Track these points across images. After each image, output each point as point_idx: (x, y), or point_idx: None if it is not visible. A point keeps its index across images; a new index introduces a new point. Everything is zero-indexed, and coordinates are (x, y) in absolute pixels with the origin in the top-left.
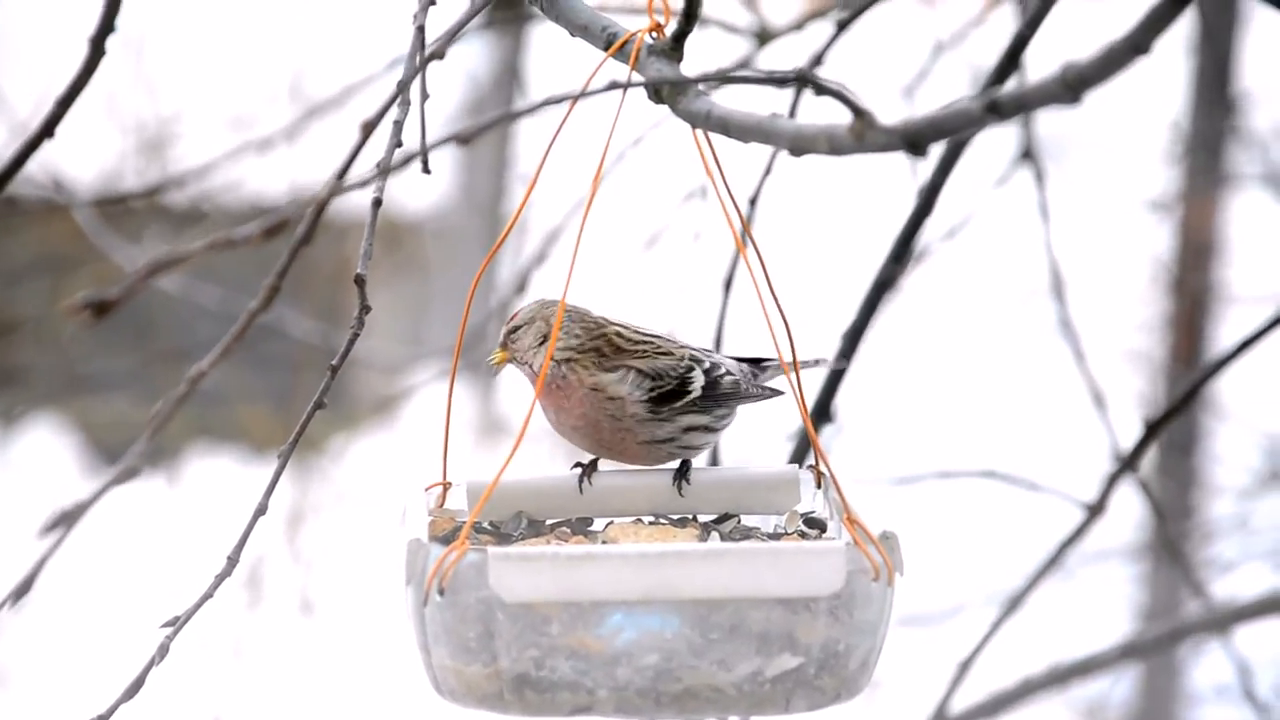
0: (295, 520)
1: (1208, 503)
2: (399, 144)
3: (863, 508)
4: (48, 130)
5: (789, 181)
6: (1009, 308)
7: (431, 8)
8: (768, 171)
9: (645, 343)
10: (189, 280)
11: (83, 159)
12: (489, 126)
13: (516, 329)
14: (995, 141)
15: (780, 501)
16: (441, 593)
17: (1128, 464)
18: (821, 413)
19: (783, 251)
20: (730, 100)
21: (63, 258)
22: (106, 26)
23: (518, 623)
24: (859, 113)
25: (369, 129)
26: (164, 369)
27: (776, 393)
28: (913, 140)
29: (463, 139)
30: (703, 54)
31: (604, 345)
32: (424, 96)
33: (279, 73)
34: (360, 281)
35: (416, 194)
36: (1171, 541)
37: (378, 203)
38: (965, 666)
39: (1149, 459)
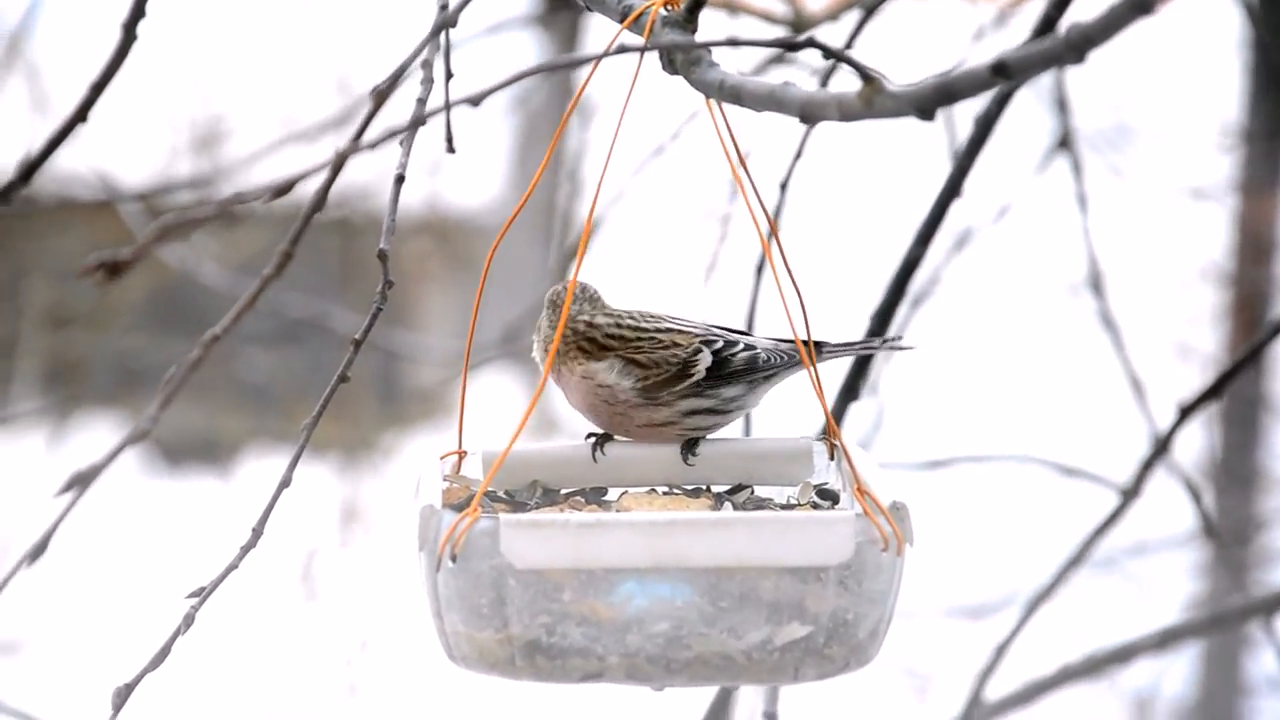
0: (348, 517)
1: (1266, 497)
2: (422, 120)
3: (875, 479)
4: (81, 115)
5: (821, 163)
6: (1052, 296)
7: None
8: (799, 155)
9: (645, 338)
10: (239, 276)
11: (136, 157)
12: (499, 88)
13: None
14: (1035, 130)
15: (794, 473)
16: (454, 559)
17: (1162, 448)
18: (849, 391)
19: (813, 232)
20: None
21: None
22: (138, 12)
23: (529, 589)
24: (868, 78)
25: (382, 97)
26: (215, 365)
27: (793, 365)
28: (921, 105)
29: (474, 101)
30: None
31: (588, 345)
32: (448, 75)
33: (327, 70)
34: (383, 256)
35: (470, 191)
36: (1211, 526)
37: (400, 179)
38: (1000, 652)
39: (1209, 454)
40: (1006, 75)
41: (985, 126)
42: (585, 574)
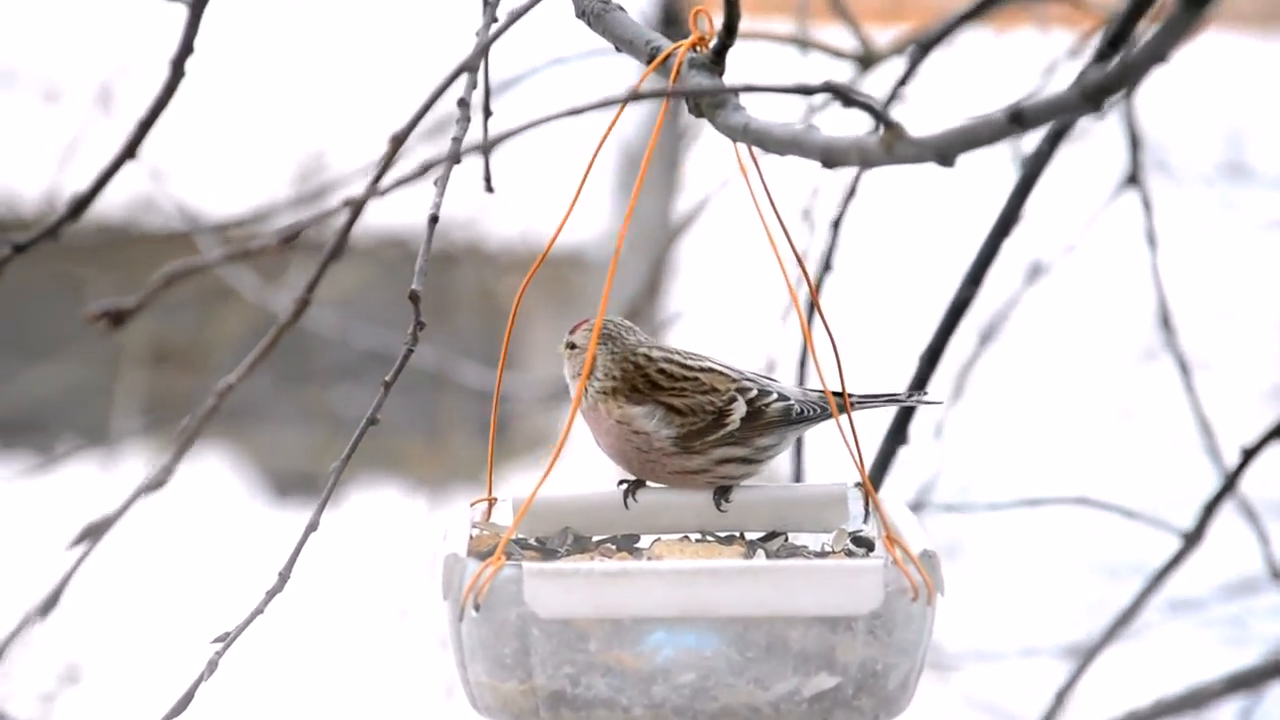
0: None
1: None
2: (457, 159)
3: (907, 527)
4: (129, 152)
5: (873, 201)
6: (1121, 334)
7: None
8: (851, 194)
9: (689, 379)
10: (341, 316)
11: (232, 195)
12: (514, 134)
13: (572, 346)
14: (1105, 166)
15: (829, 519)
16: (477, 608)
17: (1224, 491)
18: (897, 434)
19: (870, 270)
20: (768, 114)
21: (214, 291)
22: (186, 48)
23: (553, 639)
24: (888, 124)
25: (398, 142)
26: (318, 400)
27: (825, 417)
28: (941, 151)
29: (487, 147)
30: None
31: (640, 382)
32: (486, 114)
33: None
34: (415, 298)
35: (577, 227)
36: (1277, 570)
37: (434, 219)
38: (1060, 698)
39: None
40: (1023, 124)
41: (1037, 164)
42: (612, 623)
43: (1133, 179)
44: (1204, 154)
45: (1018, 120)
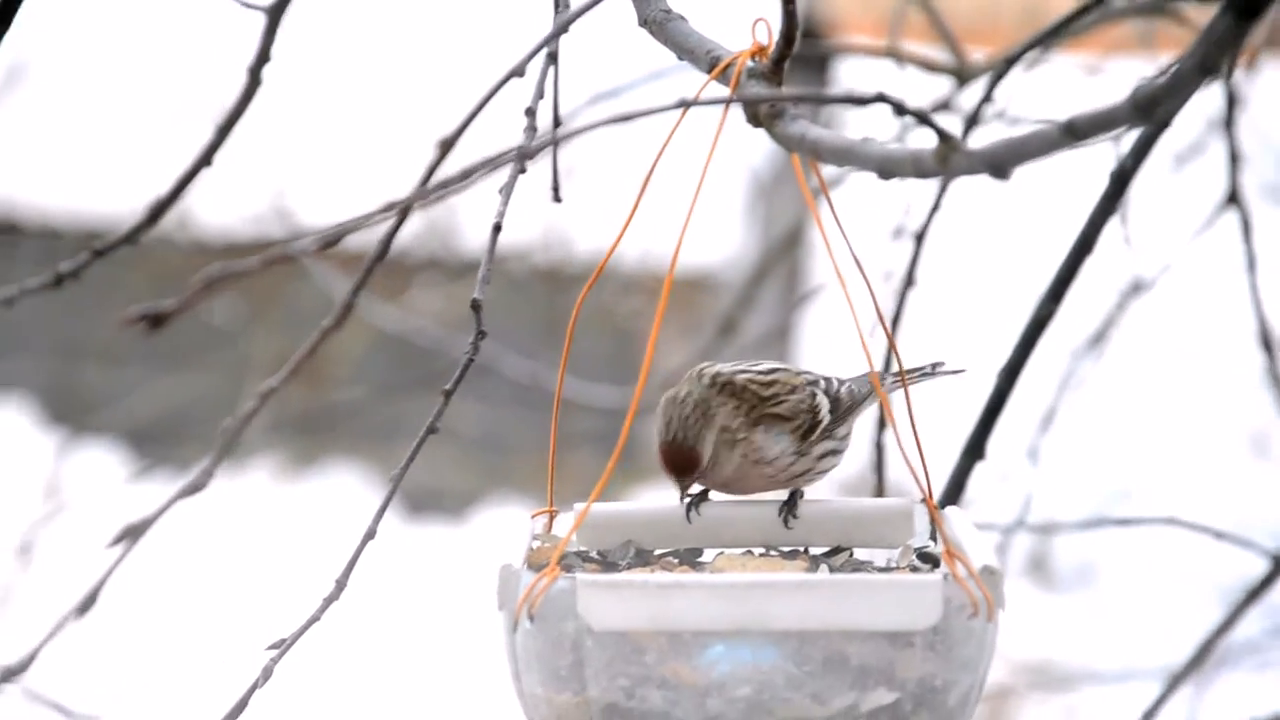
0: None
1: None
2: (522, 170)
3: (968, 542)
4: (206, 159)
5: (957, 215)
6: (1218, 358)
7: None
8: (935, 208)
9: (773, 384)
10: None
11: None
12: (550, 144)
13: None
14: (1205, 188)
15: (893, 535)
16: (531, 619)
17: None
18: (975, 450)
19: (947, 284)
20: (830, 126)
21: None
22: (263, 56)
23: (608, 651)
24: (943, 136)
25: (447, 147)
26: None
27: (872, 397)
28: (995, 163)
29: (523, 156)
30: (901, 95)
31: (751, 399)
32: (555, 122)
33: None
34: (476, 307)
35: (709, 247)
36: None
37: (497, 228)
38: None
39: None
40: (1075, 136)
41: (1121, 182)
42: (669, 636)
43: (1232, 198)
44: None
45: (1071, 132)
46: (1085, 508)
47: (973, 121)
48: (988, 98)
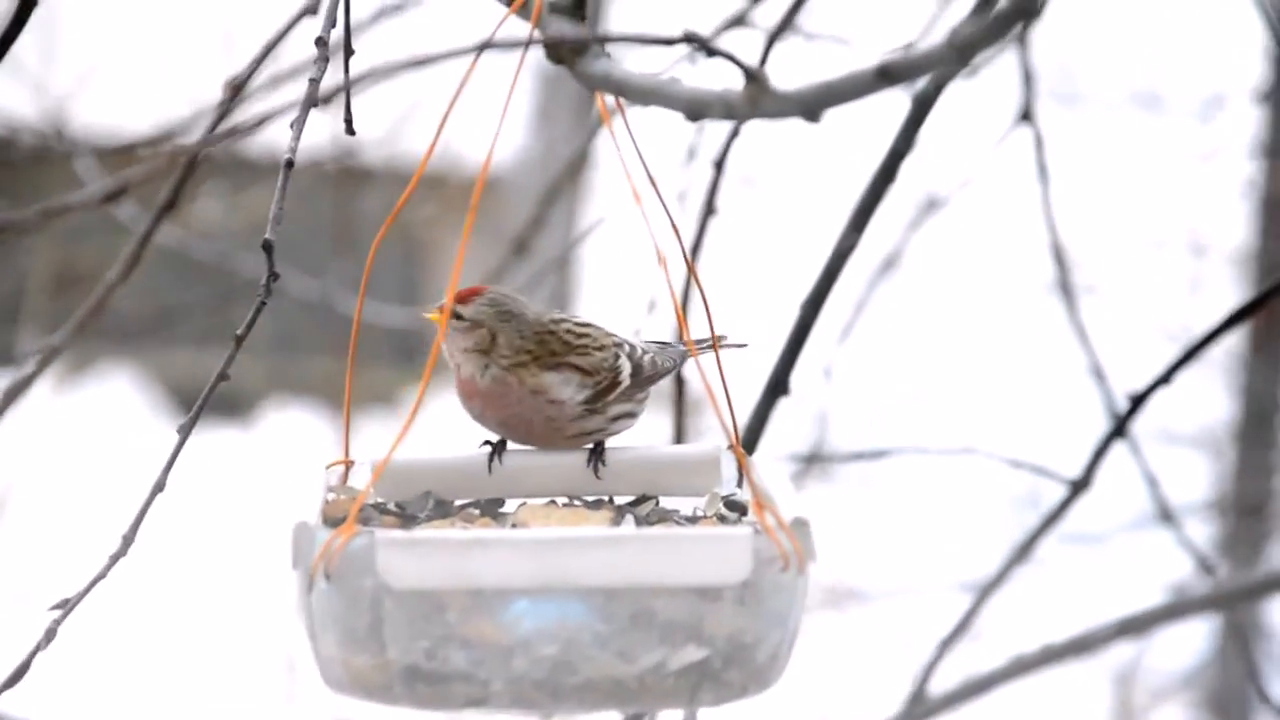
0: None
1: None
2: (314, 102)
3: (778, 492)
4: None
5: (758, 145)
6: (1017, 281)
7: None
8: (734, 134)
9: (585, 336)
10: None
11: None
12: (349, 86)
13: (459, 317)
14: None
15: (700, 483)
16: (328, 578)
17: (1111, 437)
18: (778, 386)
19: (755, 215)
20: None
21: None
22: None
23: (408, 610)
24: (753, 77)
25: (235, 88)
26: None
27: (684, 360)
28: (808, 107)
29: (322, 100)
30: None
31: (554, 343)
32: (348, 53)
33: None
34: (268, 248)
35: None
36: (1166, 511)
37: (289, 164)
38: (944, 647)
39: (1234, 450)
40: (890, 79)
41: (922, 108)
42: (471, 594)
43: (1025, 116)
44: (1116, 82)
45: (885, 76)
46: (883, 430)
47: (773, 41)
48: (779, 32)
